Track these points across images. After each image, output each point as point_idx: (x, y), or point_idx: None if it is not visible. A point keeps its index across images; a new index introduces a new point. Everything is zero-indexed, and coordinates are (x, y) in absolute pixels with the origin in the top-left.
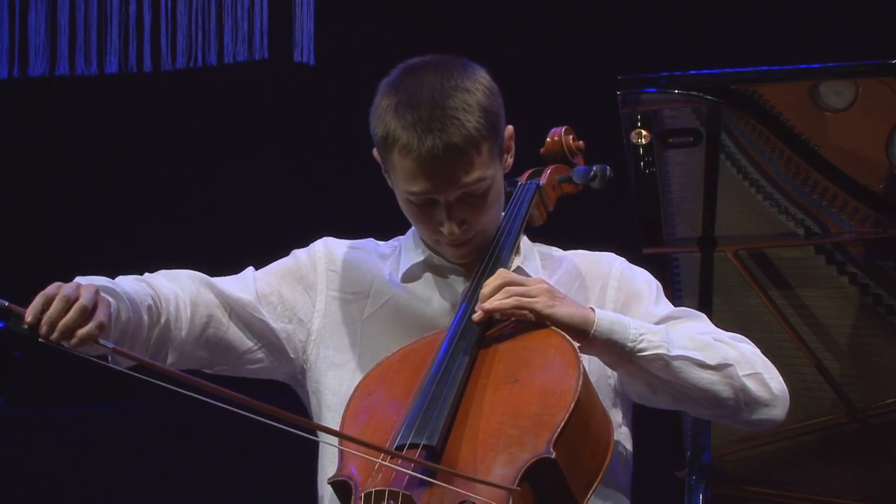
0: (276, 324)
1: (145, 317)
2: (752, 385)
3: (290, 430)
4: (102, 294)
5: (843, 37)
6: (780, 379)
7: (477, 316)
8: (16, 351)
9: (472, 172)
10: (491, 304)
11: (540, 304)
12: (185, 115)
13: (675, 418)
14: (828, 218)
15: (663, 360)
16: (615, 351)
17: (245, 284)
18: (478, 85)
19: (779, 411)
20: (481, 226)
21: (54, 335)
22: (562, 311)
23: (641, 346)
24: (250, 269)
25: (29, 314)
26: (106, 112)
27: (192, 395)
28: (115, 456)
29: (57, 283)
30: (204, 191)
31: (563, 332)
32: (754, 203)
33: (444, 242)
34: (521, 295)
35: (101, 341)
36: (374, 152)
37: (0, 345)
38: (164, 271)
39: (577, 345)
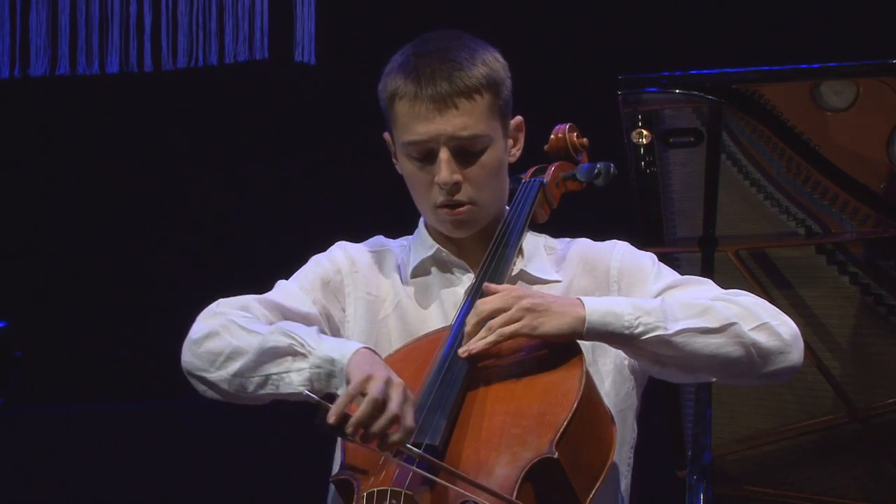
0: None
1: None
2: (761, 337)
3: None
4: (406, 390)
5: (843, 37)
6: (790, 322)
7: (463, 353)
8: (17, 352)
9: (469, 118)
10: (476, 346)
11: (526, 326)
12: (185, 114)
13: (675, 418)
14: (829, 218)
15: (664, 339)
16: (614, 339)
17: (301, 298)
18: (485, 51)
19: (795, 356)
20: (478, 195)
21: (365, 441)
22: (548, 326)
23: (639, 330)
24: (283, 281)
25: (331, 416)
26: (107, 112)
27: None
28: (116, 456)
29: (364, 376)
30: (205, 190)
31: None
32: (755, 203)
33: (440, 204)
34: (505, 324)
35: (411, 448)
36: (385, 135)
37: (1, 344)
38: (226, 301)
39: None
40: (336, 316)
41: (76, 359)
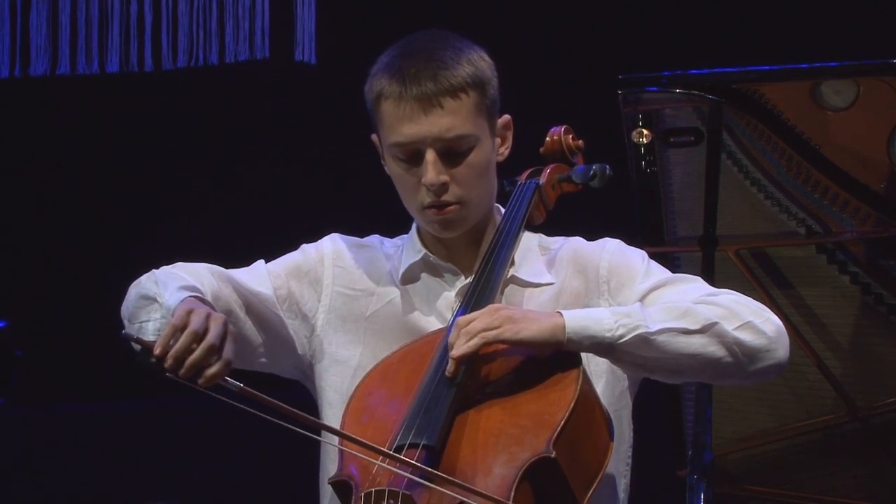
0: (288, 319)
1: None
2: (745, 336)
3: (291, 426)
4: (228, 323)
5: (843, 36)
6: (774, 319)
7: (450, 369)
8: (17, 351)
9: (455, 118)
10: (458, 350)
11: (507, 332)
12: (186, 114)
13: (675, 417)
14: (829, 217)
15: (645, 339)
16: (597, 345)
17: (261, 278)
18: (471, 50)
19: (781, 352)
20: (466, 195)
21: (181, 371)
22: (527, 331)
23: (619, 332)
24: (261, 261)
25: (157, 347)
26: (107, 111)
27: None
28: (116, 456)
29: (185, 310)
30: (205, 190)
31: None
32: (755, 202)
33: (428, 205)
34: (485, 329)
35: (228, 380)
36: (373, 136)
37: (1, 344)
38: (183, 265)
39: None
40: (307, 304)
41: (76, 359)
